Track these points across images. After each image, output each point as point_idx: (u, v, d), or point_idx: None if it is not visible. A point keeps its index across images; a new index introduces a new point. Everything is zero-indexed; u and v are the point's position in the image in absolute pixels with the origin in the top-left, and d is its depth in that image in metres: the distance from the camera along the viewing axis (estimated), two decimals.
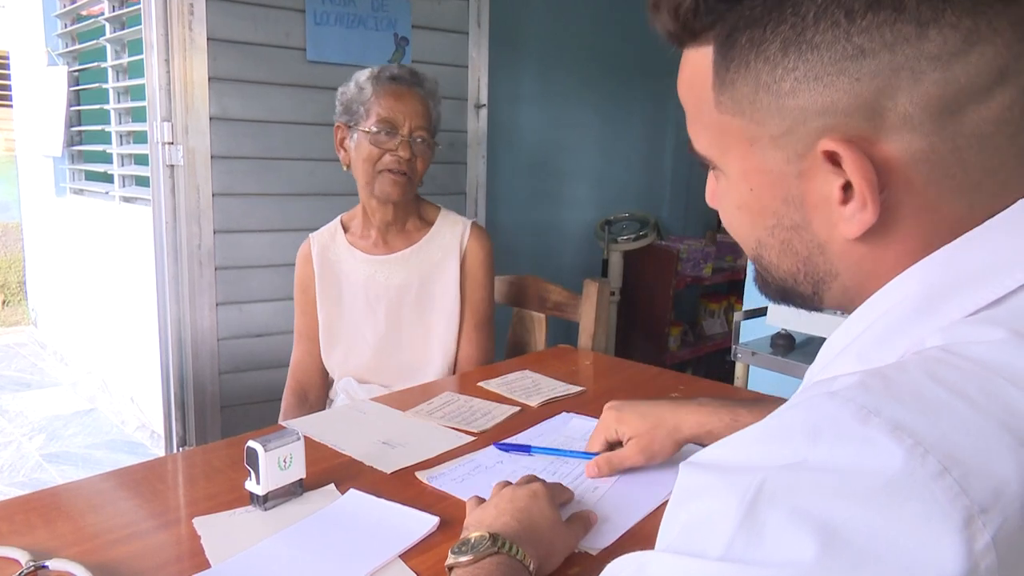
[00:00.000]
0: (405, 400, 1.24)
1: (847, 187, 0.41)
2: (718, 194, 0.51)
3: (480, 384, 1.32)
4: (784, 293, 0.51)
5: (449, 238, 1.53)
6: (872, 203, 0.40)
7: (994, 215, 0.40)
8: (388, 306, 1.51)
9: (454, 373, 1.51)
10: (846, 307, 0.48)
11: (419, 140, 1.43)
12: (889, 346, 0.41)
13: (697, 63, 0.46)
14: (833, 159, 0.41)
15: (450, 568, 0.70)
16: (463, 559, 0.68)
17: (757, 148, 0.44)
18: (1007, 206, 0.40)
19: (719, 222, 4.00)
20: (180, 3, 2.00)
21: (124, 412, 3.14)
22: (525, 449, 1.02)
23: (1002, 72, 0.38)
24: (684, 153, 3.91)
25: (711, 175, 0.53)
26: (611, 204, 3.53)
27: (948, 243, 0.41)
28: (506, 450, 1.02)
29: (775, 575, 0.32)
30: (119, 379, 3.29)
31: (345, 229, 1.57)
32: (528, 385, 1.31)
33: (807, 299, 0.49)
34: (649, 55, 3.60)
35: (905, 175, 0.40)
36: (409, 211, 1.53)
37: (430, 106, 1.46)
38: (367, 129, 1.42)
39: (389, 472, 0.96)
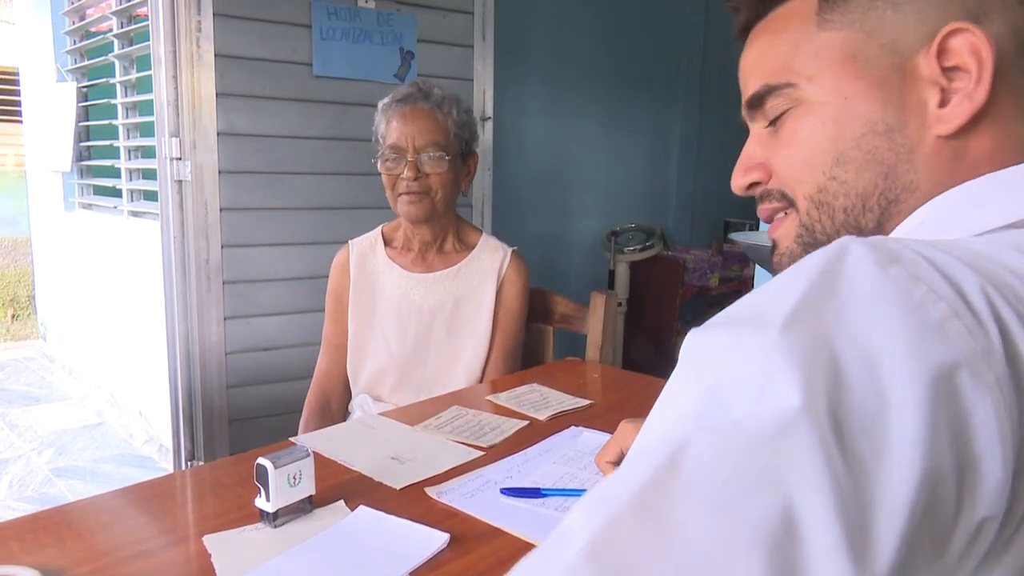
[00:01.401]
0: (414, 414, 1.23)
1: (944, 93, 0.47)
2: (786, 132, 0.53)
3: (488, 398, 1.31)
4: (834, 238, 0.51)
5: (488, 264, 1.53)
6: (985, 81, 0.45)
7: None
8: (419, 325, 1.50)
9: None
10: None
11: (429, 156, 1.42)
12: None
13: (793, 6, 0.53)
14: (944, 53, 0.46)
15: None
16: None
17: (860, 59, 0.49)
18: None
19: (725, 232, 4.00)
20: (188, 20, 2.01)
21: (132, 426, 3.14)
22: (536, 493, 0.94)
23: None
24: (689, 163, 3.91)
25: (760, 136, 0.56)
26: (617, 215, 3.54)
27: (1014, 161, 0.46)
28: (515, 495, 0.93)
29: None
30: (127, 393, 3.29)
31: (386, 241, 1.56)
32: (536, 399, 1.31)
33: (864, 235, 0.50)
34: (653, 66, 3.61)
35: (1000, 71, 0.46)
36: (447, 231, 1.53)
37: (439, 118, 1.43)
38: (382, 158, 1.45)
39: (398, 488, 0.96)
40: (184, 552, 0.81)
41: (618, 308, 3.23)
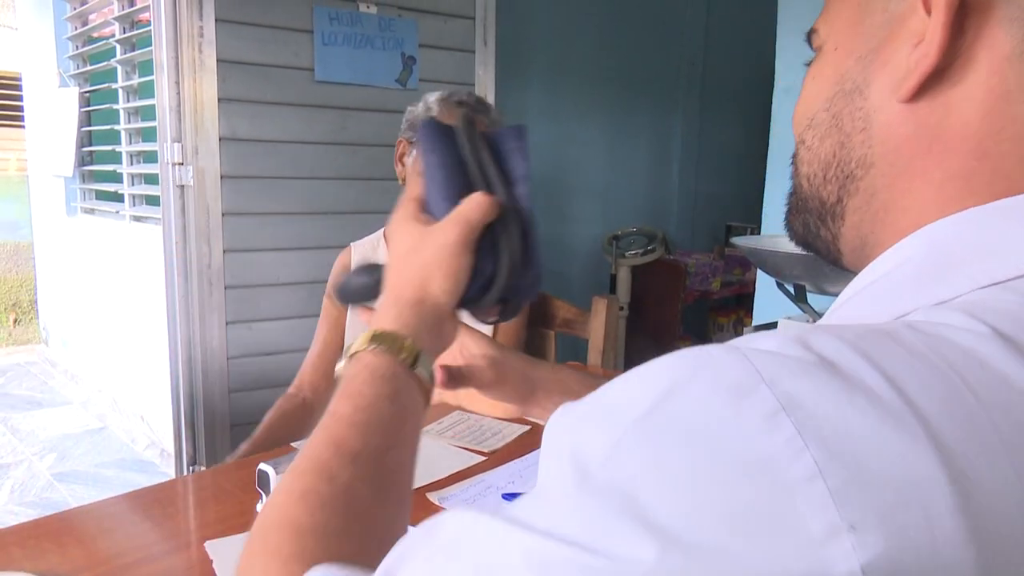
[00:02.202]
0: None
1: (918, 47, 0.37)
2: (802, 89, 0.46)
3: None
4: (806, 207, 0.45)
5: None
6: (941, 28, 0.34)
7: None
8: None
9: None
10: (865, 236, 0.42)
11: None
12: (880, 312, 0.36)
13: None
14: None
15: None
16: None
17: (863, 4, 0.40)
18: None
19: (727, 236, 4.00)
20: (190, 25, 2.02)
21: (134, 431, 3.14)
22: None
23: None
24: (691, 167, 3.91)
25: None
26: (618, 219, 3.54)
27: (1008, 161, 0.35)
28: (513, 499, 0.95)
29: (615, 571, 0.26)
30: (129, 398, 3.30)
31: (388, 243, 1.57)
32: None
33: (829, 211, 0.43)
34: (654, 71, 3.61)
35: (990, 27, 0.34)
36: None
37: None
38: None
39: None
40: (186, 558, 0.81)
41: (620, 312, 3.23)
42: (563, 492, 0.29)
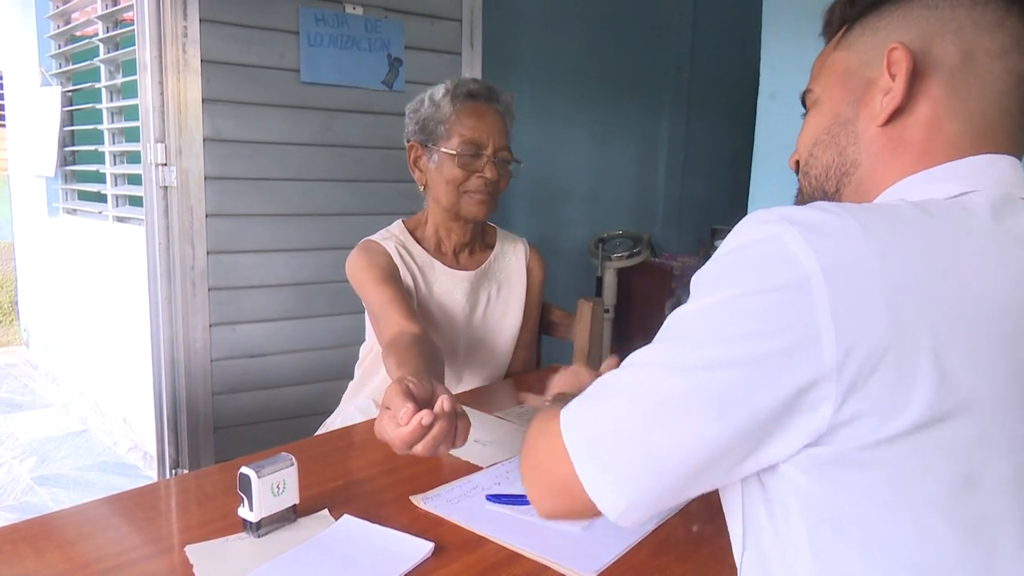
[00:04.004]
0: None
1: (885, 96, 0.61)
2: (804, 127, 0.70)
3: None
4: (812, 198, 0.68)
5: (513, 260, 1.57)
6: (902, 84, 0.59)
7: (970, 148, 0.59)
8: (458, 321, 1.48)
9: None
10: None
11: (502, 159, 1.39)
12: None
13: (835, 38, 0.69)
14: (891, 64, 0.60)
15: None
16: None
17: (848, 72, 0.65)
18: (981, 146, 0.59)
19: (712, 239, 4.00)
20: (174, 24, 2.00)
21: (116, 433, 3.11)
22: (522, 500, 0.93)
23: (1016, 43, 0.59)
24: (677, 170, 3.92)
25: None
26: (604, 222, 3.54)
27: (940, 159, 0.59)
28: (501, 502, 0.94)
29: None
30: (111, 400, 3.26)
31: (416, 241, 1.48)
32: (527, 410, 1.31)
33: (829, 198, 0.66)
34: (642, 74, 3.63)
35: (929, 83, 0.60)
36: (478, 233, 1.52)
37: (507, 122, 1.42)
38: (451, 151, 1.36)
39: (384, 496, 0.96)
40: (166, 562, 0.80)
41: (605, 315, 3.23)
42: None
